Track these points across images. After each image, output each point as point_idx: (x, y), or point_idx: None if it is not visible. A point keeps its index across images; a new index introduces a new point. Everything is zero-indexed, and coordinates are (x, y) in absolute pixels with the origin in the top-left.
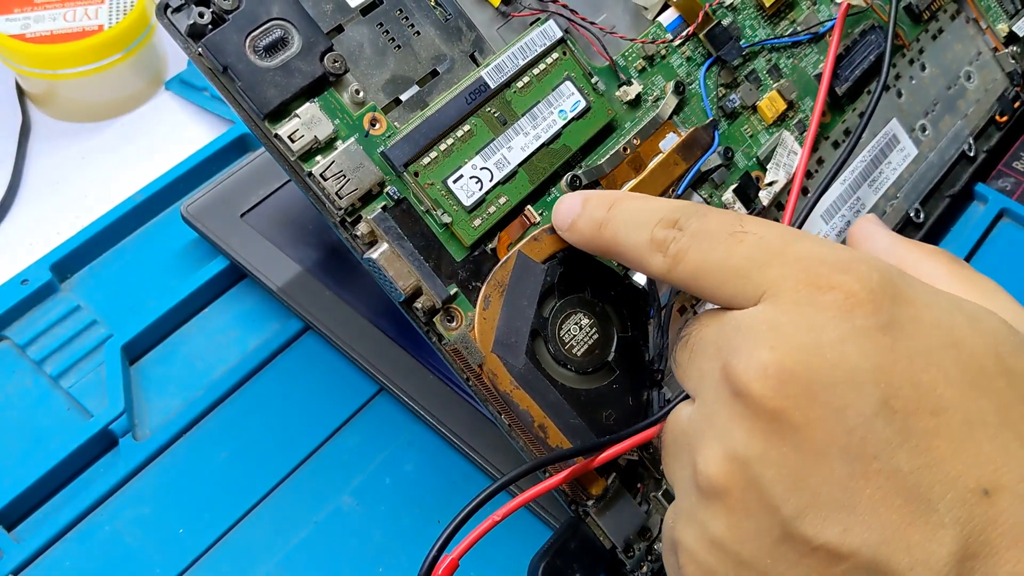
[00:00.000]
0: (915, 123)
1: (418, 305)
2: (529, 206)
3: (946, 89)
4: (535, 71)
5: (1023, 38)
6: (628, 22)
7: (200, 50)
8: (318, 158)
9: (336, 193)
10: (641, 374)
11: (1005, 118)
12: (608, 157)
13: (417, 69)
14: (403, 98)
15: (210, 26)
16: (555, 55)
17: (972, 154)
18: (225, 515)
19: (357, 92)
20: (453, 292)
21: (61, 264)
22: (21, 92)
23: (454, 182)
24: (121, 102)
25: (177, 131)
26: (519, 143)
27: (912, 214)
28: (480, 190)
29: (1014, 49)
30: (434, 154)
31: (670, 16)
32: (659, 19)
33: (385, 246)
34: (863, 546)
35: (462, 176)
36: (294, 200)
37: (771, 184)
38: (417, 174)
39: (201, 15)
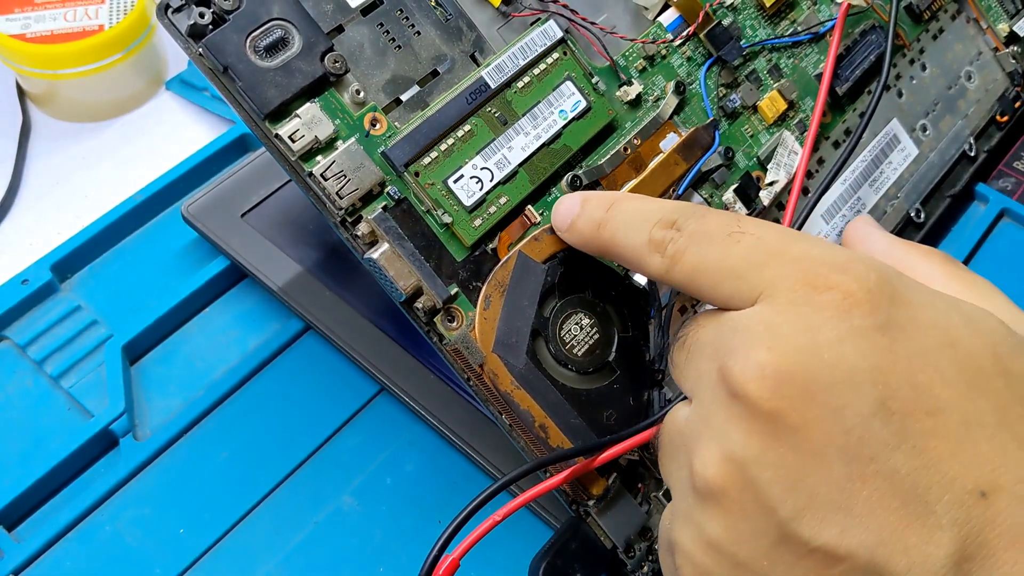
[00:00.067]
0: (916, 123)
1: (419, 305)
2: (530, 206)
3: (947, 89)
4: (535, 71)
5: (1023, 38)
6: (628, 22)
7: (200, 50)
8: (319, 158)
9: (337, 193)
10: (642, 374)
11: (1006, 118)
12: (609, 157)
13: (417, 69)
14: (403, 98)
15: (211, 26)
16: (555, 55)
17: (973, 154)
18: (225, 515)
19: (358, 92)
20: (454, 292)
21: (61, 264)
22: (21, 92)
23: (455, 182)
24: (121, 102)
25: (177, 131)
26: (520, 143)
27: (913, 214)
28: (481, 190)
29: (1015, 49)
30: (435, 154)
31: (670, 16)
32: (659, 19)
33: (386, 246)
34: (860, 547)
35: (463, 176)
36: (294, 200)
37: (772, 184)
38: (418, 174)
39: (202, 15)
